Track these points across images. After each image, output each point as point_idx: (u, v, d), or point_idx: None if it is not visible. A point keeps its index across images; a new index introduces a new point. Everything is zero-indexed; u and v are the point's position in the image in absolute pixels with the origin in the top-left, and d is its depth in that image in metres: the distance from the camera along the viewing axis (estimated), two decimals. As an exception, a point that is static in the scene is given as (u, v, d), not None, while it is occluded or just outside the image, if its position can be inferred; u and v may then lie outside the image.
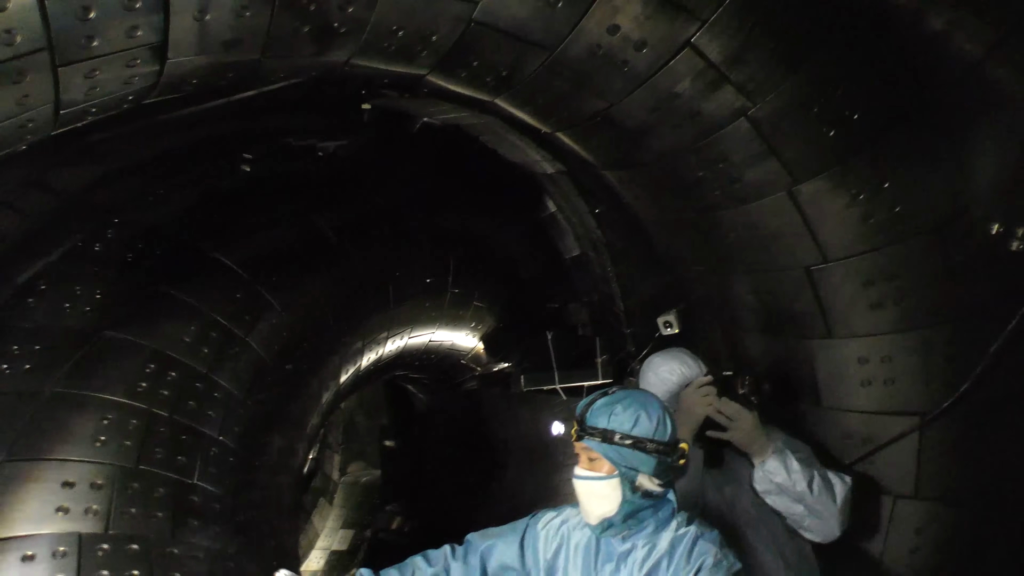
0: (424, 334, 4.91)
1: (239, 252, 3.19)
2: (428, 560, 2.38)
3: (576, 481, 2.16)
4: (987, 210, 2.45)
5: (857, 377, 2.83)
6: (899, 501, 2.87)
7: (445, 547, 2.42)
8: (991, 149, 2.41)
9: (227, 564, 2.35)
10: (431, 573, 2.34)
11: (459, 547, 2.40)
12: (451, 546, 2.41)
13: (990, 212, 2.45)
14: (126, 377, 2.54)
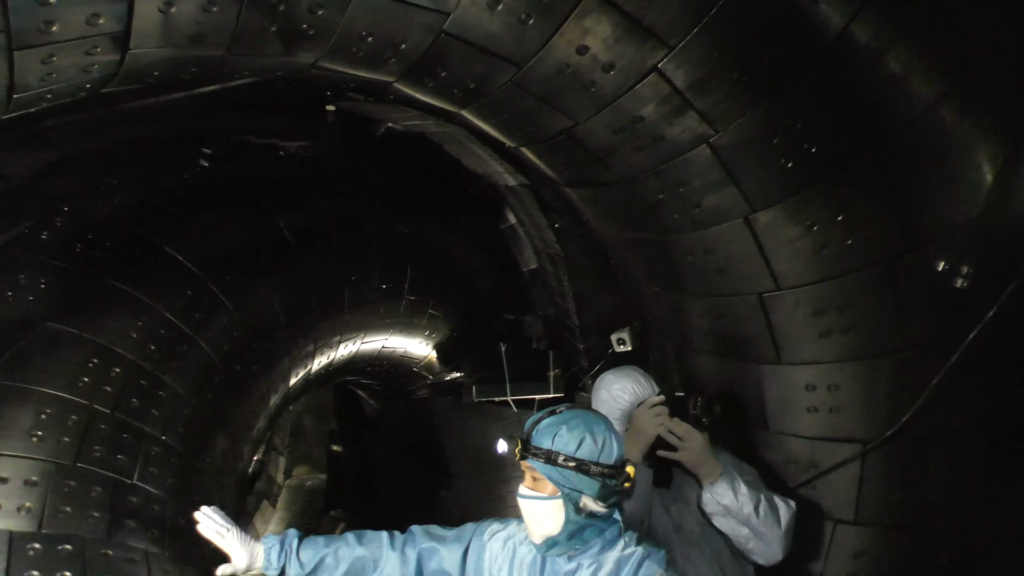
0: (377, 340, 4.88)
1: (193, 248, 3.13)
2: (360, 540, 2.34)
3: (520, 500, 2.14)
4: (934, 247, 2.54)
5: (804, 403, 2.88)
6: (839, 526, 2.93)
7: (383, 533, 2.37)
8: (940, 189, 2.50)
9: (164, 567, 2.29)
10: (359, 552, 2.30)
11: (399, 536, 2.36)
12: (389, 534, 2.36)
13: (937, 249, 2.54)
14: (68, 371, 2.46)
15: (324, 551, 2.30)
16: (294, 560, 2.27)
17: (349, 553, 2.31)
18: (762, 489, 2.70)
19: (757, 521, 2.61)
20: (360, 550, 2.32)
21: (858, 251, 2.58)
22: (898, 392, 2.72)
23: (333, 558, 2.29)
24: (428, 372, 5.76)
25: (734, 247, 2.72)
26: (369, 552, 2.32)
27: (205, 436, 2.90)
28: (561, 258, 5.05)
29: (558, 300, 5.25)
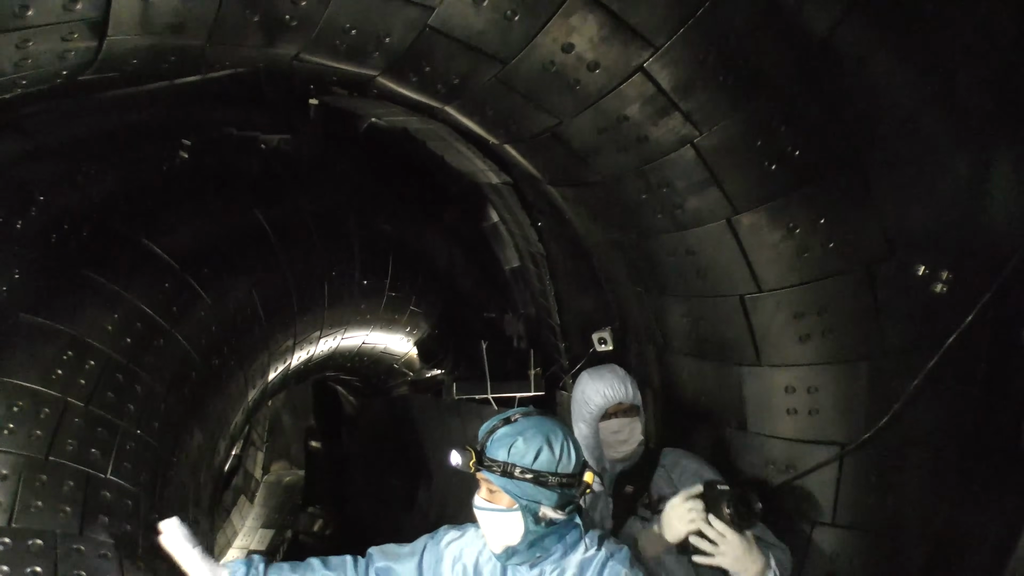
0: (357, 336, 4.84)
1: (170, 241, 3.08)
2: (325, 565, 2.30)
3: (477, 511, 2.11)
4: (915, 253, 2.55)
5: (783, 405, 2.90)
6: (817, 527, 2.95)
7: (347, 557, 2.33)
8: (921, 195, 2.51)
9: (136, 563, 2.25)
10: (322, 574, 2.26)
11: (361, 560, 2.33)
12: (354, 558, 2.33)
13: (917, 255, 2.55)
14: (41, 363, 2.41)
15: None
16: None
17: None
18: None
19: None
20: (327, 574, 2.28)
21: (838, 255, 2.59)
22: (876, 395, 2.73)
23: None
24: (408, 369, 5.74)
25: (716, 249, 2.72)
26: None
27: (181, 431, 2.86)
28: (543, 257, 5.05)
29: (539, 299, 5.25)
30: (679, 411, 3.31)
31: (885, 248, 2.54)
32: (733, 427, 3.10)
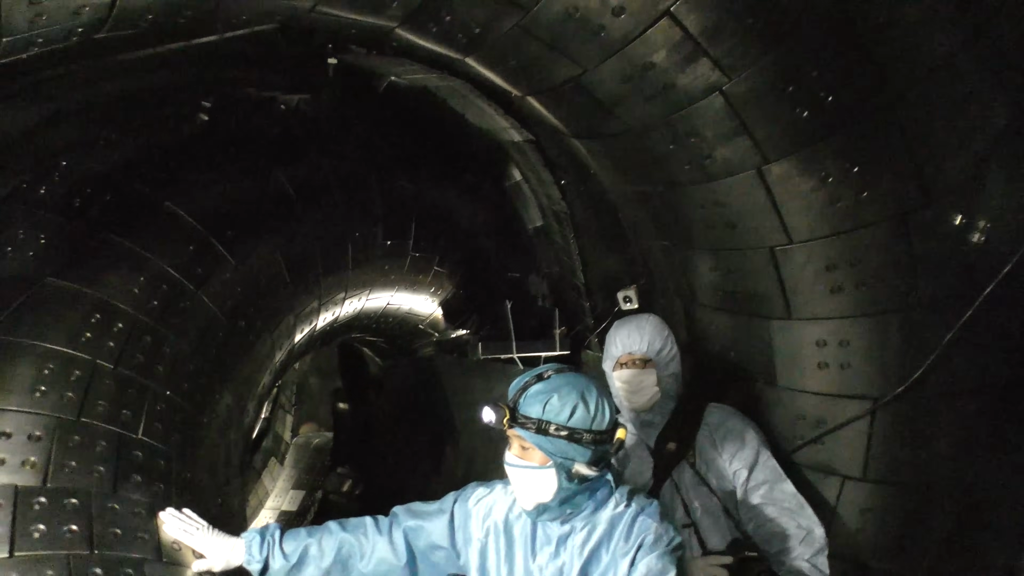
0: (382, 297, 4.84)
1: (193, 203, 3.07)
2: (344, 527, 2.28)
3: (508, 468, 2.09)
4: (951, 202, 2.48)
5: (814, 359, 2.85)
6: (847, 482, 2.92)
7: (366, 519, 2.31)
8: (958, 142, 2.43)
9: (170, 522, 2.27)
10: (345, 541, 2.24)
11: (383, 520, 2.30)
12: (374, 519, 2.30)
13: (954, 204, 2.48)
14: (69, 326, 2.42)
15: (308, 541, 2.24)
16: (277, 552, 2.21)
17: (334, 542, 2.25)
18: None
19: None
20: (345, 537, 2.26)
21: (872, 205, 2.52)
22: (910, 349, 2.68)
23: (317, 548, 2.23)
24: (433, 330, 5.74)
25: (746, 200, 2.66)
26: (355, 539, 2.26)
27: (209, 392, 2.88)
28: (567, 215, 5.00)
29: (563, 258, 5.21)
30: (707, 367, 3.27)
31: (921, 197, 2.47)
32: (762, 382, 3.07)
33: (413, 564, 2.27)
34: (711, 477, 2.77)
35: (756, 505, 2.72)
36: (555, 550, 2.10)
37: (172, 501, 2.25)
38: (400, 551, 2.25)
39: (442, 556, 2.28)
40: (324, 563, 2.22)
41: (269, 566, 2.21)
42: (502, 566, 2.16)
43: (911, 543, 2.83)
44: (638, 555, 2.02)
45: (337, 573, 2.24)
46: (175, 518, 2.21)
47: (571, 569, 2.07)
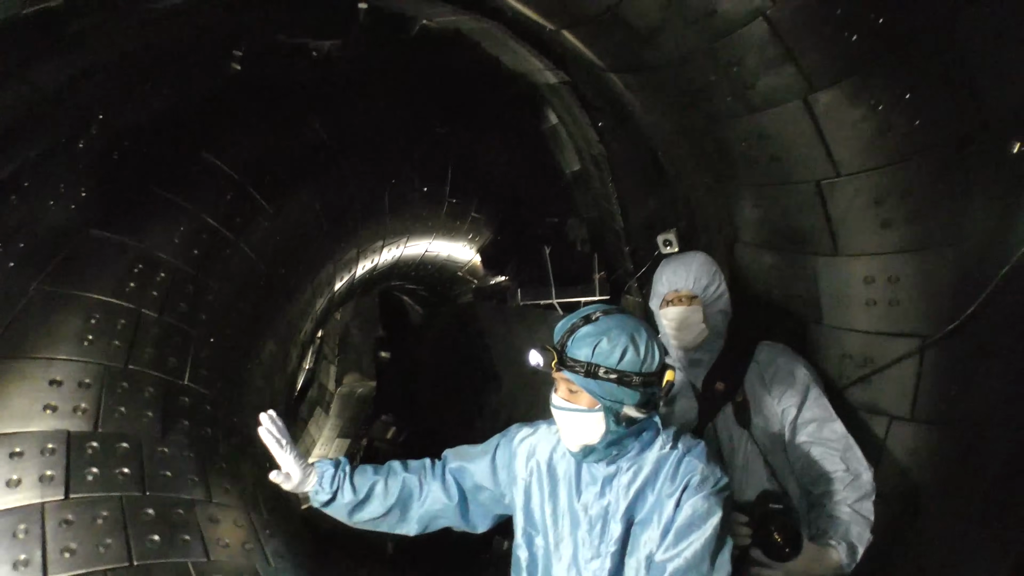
0: (420, 244, 4.83)
1: (229, 153, 3.07)
2: (406, 468, 2.32)
3: (555, 411, 2.05)
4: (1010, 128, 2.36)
5: (861, 297, 2.77)
6: (894, 423, 2.86)
7: (425, 461, 2.36)
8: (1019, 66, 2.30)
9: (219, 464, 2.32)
10: (407, 482, 2.29)
11: (437, 463, 2.34)
12: (431, 461, 2.35)
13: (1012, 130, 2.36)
14: (113, 277, 2.46)
15: (375, 479, 2.29)
16: (347, 486, 2.25)
17: (398, 482, 2.30)
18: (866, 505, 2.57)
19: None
20: (408, 478, 2.31)
21: (925, 133, 2.41)
22: (962, 284, 2.59)
23: (383, 487, 2.28)
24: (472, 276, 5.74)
25: (791, 131, 2.56)
26: (415, 481, 2.30)
27: (253, 338, 2.92)
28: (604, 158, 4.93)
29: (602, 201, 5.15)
30: (751, 306, 3.21)
31: (977, 124, 2.35)
32: (808, 321, 3.00)
33: (464, 504, 2.31)
34: (758, 418, 2.73)
35: (803, 443, 2.67)
36: (600, 490, 2.08)
37: (219, 445, 2.29)
38: (451, 492, 2.29)
39: (488, 497, 2.31)
40: (388, 501, 2.28)
41: (337, 499, 2.26)
42: (546, 505, 2.16)
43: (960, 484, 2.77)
44: (683, 496, 1.99)
45: (397, 512, 2.30)
46: (273, 424, 2.21)
47: (617, 510, 2.06)
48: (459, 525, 2.36)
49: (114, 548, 1.80)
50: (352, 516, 2.29)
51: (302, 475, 2.23)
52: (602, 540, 2.07)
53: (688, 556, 1.92)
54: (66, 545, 1.77)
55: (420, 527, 2.34)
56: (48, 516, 1.83)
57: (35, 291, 2.30)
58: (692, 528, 1.94)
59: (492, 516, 2.35)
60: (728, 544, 1.98)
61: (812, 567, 2.41)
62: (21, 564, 1.71)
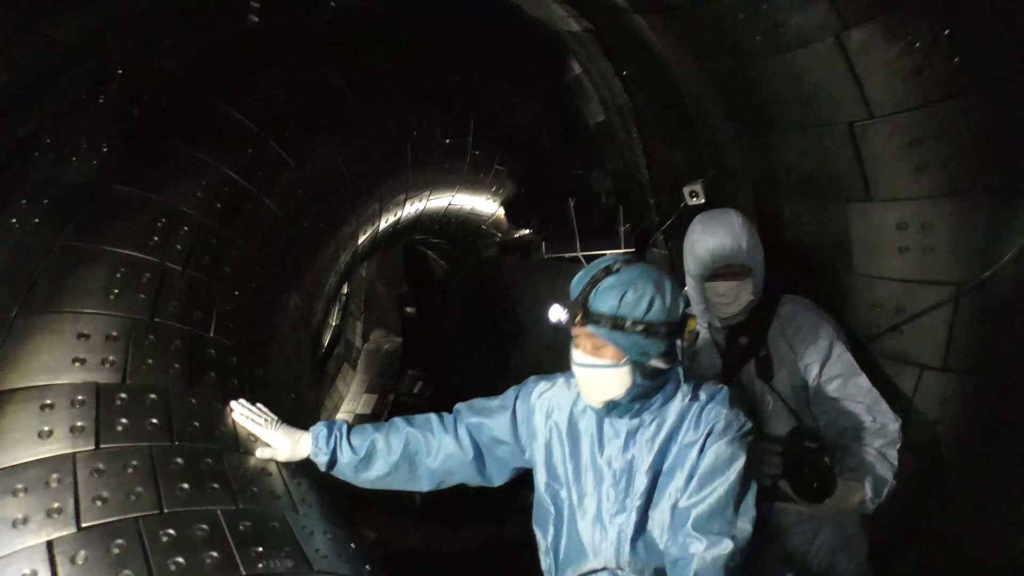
0: (443, 198, 4.80)
1: (249, 106, 3.04)
2: (410, 423, 2.27)
3: (577, 368, 2.00)
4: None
5: (894, 243, 2.71)
6: (926, 372, 2.82)
7: (431, 416, 2.29)
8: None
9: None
10: (411, 437, 2.24)
11: (447, 417, 2.29)
12: (439, 416, 2.29)
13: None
14: (137, 231, 2.46)
15: (375, 436, 2.24)
16: (345, 445, 2.22)
17: (400, 438, 2.24)
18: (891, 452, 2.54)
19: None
20: (412, 433, 2.25)
21: (965, 72, 2.31)
22: (999, 230, 2.51)
23: (384, 443, 2.23)
24: (496, 230, 5.71)
25: (823, 71, 2.47)
26: (421, 436, 2.25)
27: (277, 292, 2.92)
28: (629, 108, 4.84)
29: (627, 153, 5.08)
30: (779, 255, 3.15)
31: (1019, 62, 2.25)
32: (838, 270, 2.94)
33: (480, 459, 2.26)
34: (781, 372, 2.70)
35: (828, 399, 2.63)
36: (624, 444, 2.06)
37: (246, 396, 2.31)
38: (466, 446, 2.25)
39: (506, 451, 2.27)
40: (392, 458, 2.23)
41: (337, 460, 2.23)
42: (568, 461, 2.14)
43: (992, 435, 2.73)
44: (707, 442, 1.98)
45: (404, 468, 2.25)
46: (243, 407, 2.25)
47: (641, 463, 2.04)
48: (474, 480, 2.31)
49: (145, 496, 1.82)
50: (359, 476, 2.25)
51: (291, 443, 2.21)
52: (627, 494, 2.05)
53: (712, 501, 1.91)
54: (98, 493, 1.80)
55: (432, 483, 2.30)
56: (79, 466, 1.85)
57: (60, 246, 2.31)
58: (716, 473, 1.93)
59: (510, 470, 2.31)
60: (753, 489, 1.97)
61: (838, 503, 2.39)
62: (55, 512, 1.74)
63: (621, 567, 2.07)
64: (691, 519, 1.91)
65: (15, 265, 2.27)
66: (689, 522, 1.90)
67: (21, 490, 1.77)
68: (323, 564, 1.87)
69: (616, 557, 2.06)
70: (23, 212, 2.39)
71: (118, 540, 1.71)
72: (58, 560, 1.65)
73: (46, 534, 1.70)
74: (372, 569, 2.04)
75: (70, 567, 1.64)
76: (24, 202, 2.43)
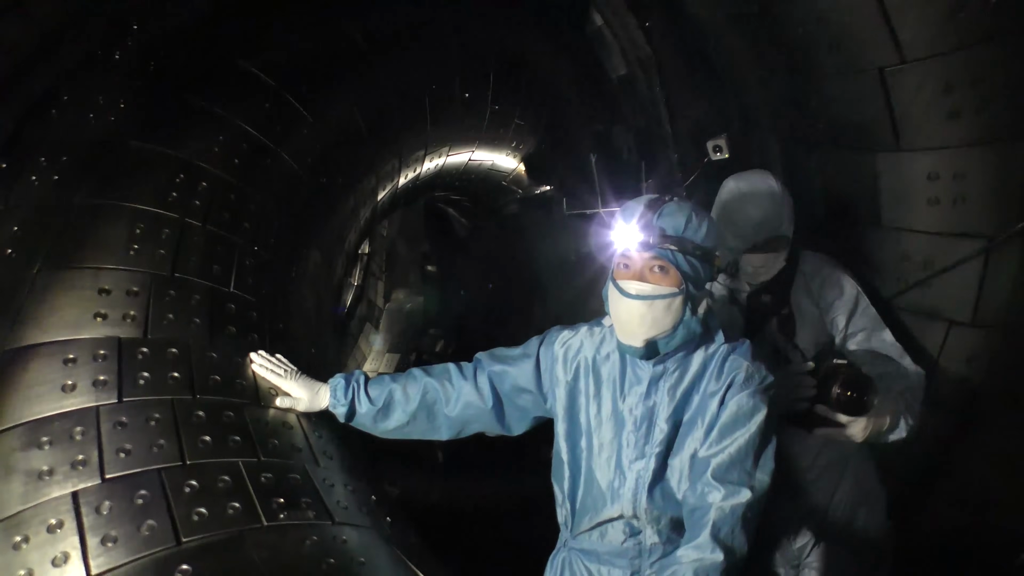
0: (463, 153, 4.74)
1: (265, 60, 3.00)
2: (428, 373, 2.28)
3: (630, 301, 1.94)
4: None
5: (924, 194, 2.64)
6: (954, 328, 2.77)
7: (449, 365, 2.29)
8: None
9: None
10: (429, 386, 2.24)
11: (466, 366, 2.29)
12: (457, 365, 2.29)
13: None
14: (156, 187, 2.45)
15: (392, 386, 2.25)
16: (363, 396, 2.23)
17: (418, 387, 2.25)
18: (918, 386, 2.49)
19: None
20: (430, 382, 2.25)
21: (1002, 12, 2.22)
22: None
23: (402, 393, 2.24)
24: (517, 186, 5.66)
25: (852, 14, 2.39)
26: (439, 385, 2.25)
27: (296, 248, 2.91)
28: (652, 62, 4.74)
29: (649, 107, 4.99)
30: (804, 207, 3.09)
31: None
32: (865, 222, 2.88)
33: (499, 407, 2.26)
34: (804, 329, 2.66)
35: (852, 353, 2.60)
36: (646, 391, 2.06)
37: (266, 350, 2.32)
38: (486, 395, 2.24)
39: (528, 399, 2.26)
40: (410, 407, 2.24)
41: (356, 410, 2.25)
42: (590, 407, 2.14)
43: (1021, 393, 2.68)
44: (728, 393, 1.97)
45: (423, 418, 2.26)
46: (263, 358, 2.27)
47: (662, 410, 2.04)
48: (493, 429, 2.31)
49: (167, 448, 1.84)
50: (378, 426, 2.27)
51: (310, 394, 2.23)
52: (647, 441, 2.05)
53: (732, 452, 1.90)
54: (121, 446, 1.81)
55: (451, 432, 2.30)
56: (103, 419, 1.86)
57: (80, 203, 2.31)
58: (737, 425, 1.92)
59: (530, 419, 2.31)
60: (773, 442, 1.96)
61: (878, 421, 2.35)
62: (79, 464, 1.76)
63: (638, 515, 2.08)
64: (710, 468, 1.90)
65: (36, 222, 2.27)
66: (708, 471, 1.90)
67: (46, 443, 1.79)
68: (344, 516, 1.88)
69: (633, 504, 2.07)
70: (42, 169, 2.39)
71: (142, 491, 1.72)
72: (83, 510, 1.67)
73: (71, 485, 1.72)
74: (393, 521, 2.05)
75: (95, 517, 1.66)
76: (43, 159, 2.42)
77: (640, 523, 2.10)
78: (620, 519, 2.11)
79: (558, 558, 2.29)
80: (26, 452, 1.77)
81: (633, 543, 2.12)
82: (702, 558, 1.78)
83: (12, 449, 1.77)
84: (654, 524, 2.08)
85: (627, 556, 2.13)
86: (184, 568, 1.56)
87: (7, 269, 2.14)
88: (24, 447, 1.77)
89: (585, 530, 2.18)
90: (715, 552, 1.78)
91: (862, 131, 2.68)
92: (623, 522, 2.11)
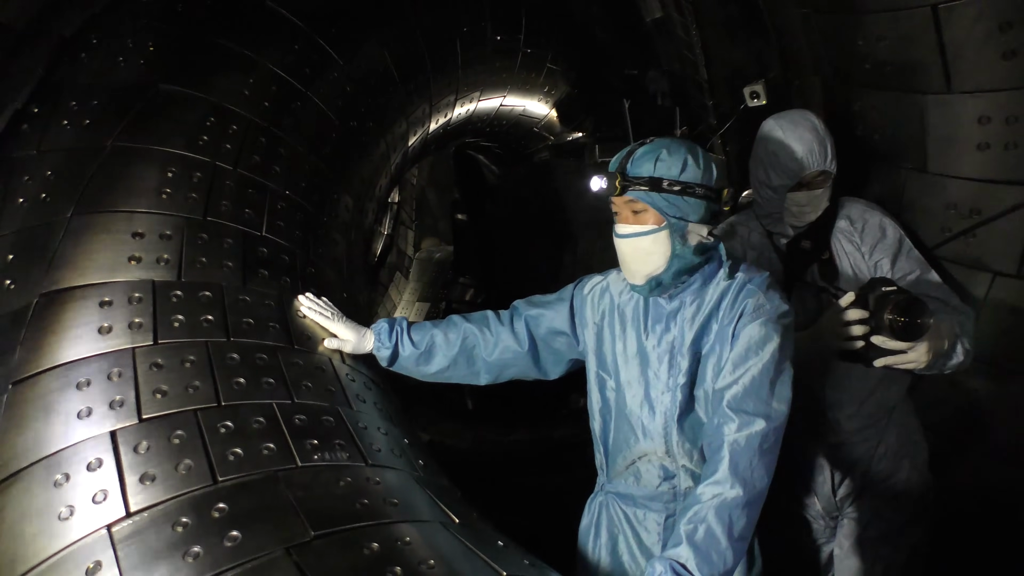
0: (494, 98, 4.67)
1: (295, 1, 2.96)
2: (468, 320, 2.36)
3: (620, 240, 2.05)
4: None
5: (974, 139, 2.54)
6: (998, 279, 2.69)
7: (488, 312, 2.38)
8: None
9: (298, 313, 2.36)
10: (469, 332, 2.33)
11: (504, 313, 2.37)
12: (495, 313, 2.37)
13: None
14: (187, 130, 2.44)
15: (434, 331, 2.33)
16: (406, 340, 2.31)
17: (459, 333, 2.33)
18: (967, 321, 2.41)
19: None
20: (469, 328, 2.33)
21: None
22: (1091, 124, 2.33)
23: (444, 338, 2.32)
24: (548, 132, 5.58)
25: (905, -54, 2.28)
26: (478, 331, 2.33)
27: (328, 191, 2.89)
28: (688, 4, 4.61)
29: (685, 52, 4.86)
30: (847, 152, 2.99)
31: None
32: (910, 167, 2.78)
33: (535, 350, 2.34)
34: (846, 274, 2.59)
35: None
36: (666, 326, 2.10)
37: (299, 293, 2.33)
38: (522, 339, 2.32)
39: (563, 342, 2.33)
40: (451, 352, 2.33)
41: (399, 353, 2.32)
42: (617, 344, 2.18)
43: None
44: (739, 324, 1.98)
45: (463, 362, 2.35)
46: (311, 301, 2.31)
47: (682, 343, 2.07)
48: (530, 374, 2.39)
49: (202, 390, 1.85)
50: (419, 369, 2.35)
51: (356, 336, 2.29)
52: (670, 375, 2.08)
53: (746, 382, 1.90)
54: (157, 387, 1.83)
55: (490, 376, 2.39)
56: (139, 360, 1.88)
57: (111, 147, 2.30)
58: (749, 355, 1.93)
59: (566, 362, 2.38)
60: (788, 372, 1.94)
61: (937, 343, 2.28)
62: (117, 404, 1.78)
63: (670, 451, 2.11)
64: (725, 400, 1.91)
65: (69, 167, 2.27)
66: (723, 403, 1.91)
67: (84, 383, 1.81)
68: (377, 458, 1.90)
69: (664, 437, 2.10)
70: (73, 114, 2.38)
71: (178, 431, 1.74)
72: (121, 449, 1.69)
73: (109, 425, 1.74)
74: (425, 464, 2.06)
75: (133, 456, 1.68)
76: (74, 104, 2.42)
77: (674, 464, 2.12)
78: (654, 457, 2.13)
79: (595, 501, 2.35)
80: (64, 393, 1.79)
81: (668, 486, 2.15)
82: (722, 494, 1.79)
83: (51, 390, 1.79)
84: (688, 459, 2.10)
85: (662, 500, 2.16)
86: (220, 507, 1.58)
87: (41, 213, 2.14)
88: (62, 388, 1.80)
89: (620, 472, 2.22)
90: (734, 487, 1.78)
91: (911, 72, 2.57)
92: (658, 464, 2.13)
